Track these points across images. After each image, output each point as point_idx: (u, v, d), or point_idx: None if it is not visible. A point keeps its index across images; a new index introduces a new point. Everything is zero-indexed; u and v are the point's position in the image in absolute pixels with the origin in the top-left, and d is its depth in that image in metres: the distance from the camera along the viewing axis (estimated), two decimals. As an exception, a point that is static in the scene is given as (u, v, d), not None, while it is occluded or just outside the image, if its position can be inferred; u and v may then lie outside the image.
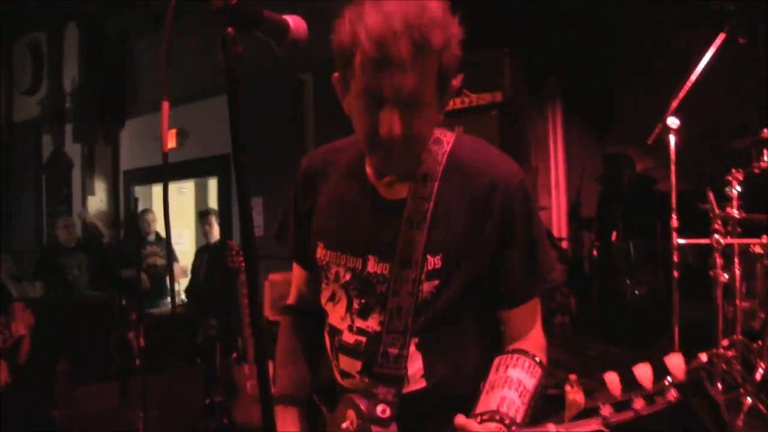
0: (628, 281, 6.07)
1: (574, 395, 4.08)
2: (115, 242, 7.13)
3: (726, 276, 4.07)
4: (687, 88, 3.81)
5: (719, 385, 3.83)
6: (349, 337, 1.39)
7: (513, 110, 4.34)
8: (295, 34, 1.07)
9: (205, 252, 6.35)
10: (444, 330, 1.35)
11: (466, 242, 1.31)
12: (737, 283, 4.07)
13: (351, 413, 1.34)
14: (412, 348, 1.33)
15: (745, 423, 3.47)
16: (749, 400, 3.52)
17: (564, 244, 5.92)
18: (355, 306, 1.38)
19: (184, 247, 8.12)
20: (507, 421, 1.19)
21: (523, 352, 1.34)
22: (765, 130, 3.87)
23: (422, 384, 1.35)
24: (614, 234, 5.83)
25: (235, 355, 4.78)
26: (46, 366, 4.08)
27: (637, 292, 6.00)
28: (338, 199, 1.42)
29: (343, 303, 1.40)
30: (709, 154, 4.77)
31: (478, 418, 1.20)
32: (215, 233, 6.28)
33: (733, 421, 3.48)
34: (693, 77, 3.79)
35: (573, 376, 3.77)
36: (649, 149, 4.54)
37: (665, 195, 4.27)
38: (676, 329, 4.41)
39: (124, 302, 5.27)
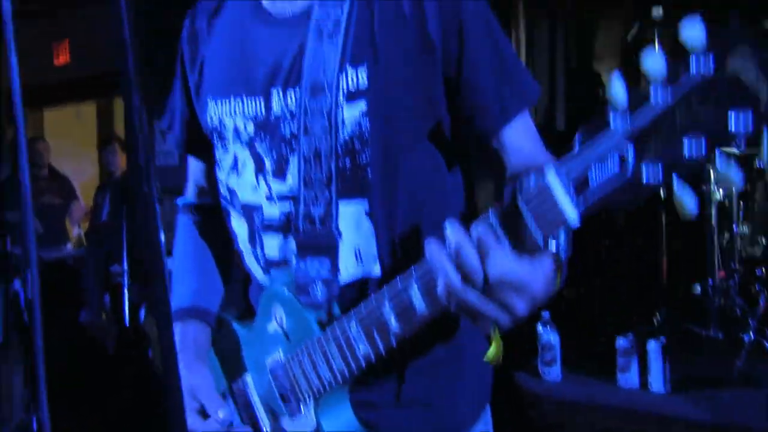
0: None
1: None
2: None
3: (721, 193, 3.56)
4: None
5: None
6: (271, 210, 1.09)
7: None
8: None
9: (108, 187, 5.55)
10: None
11: (400, 46, 1.02)
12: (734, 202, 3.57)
13: (277, 308, 1.08)
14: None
15: (746, 363, 3.07)
16: (752, 336, 3.12)
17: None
18: (268, 167, 1.08)
19: (87, 183, 7.21)
20: None
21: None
22: None
23: None
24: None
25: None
26: None
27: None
28: (228, 39, 1.16)
29: (251, 167, 1.11)
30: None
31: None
32: (121, 164, 5.46)
33: (733, 361, 3.05)
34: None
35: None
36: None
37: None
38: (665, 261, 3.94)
39: (9, 248, 4.48)
